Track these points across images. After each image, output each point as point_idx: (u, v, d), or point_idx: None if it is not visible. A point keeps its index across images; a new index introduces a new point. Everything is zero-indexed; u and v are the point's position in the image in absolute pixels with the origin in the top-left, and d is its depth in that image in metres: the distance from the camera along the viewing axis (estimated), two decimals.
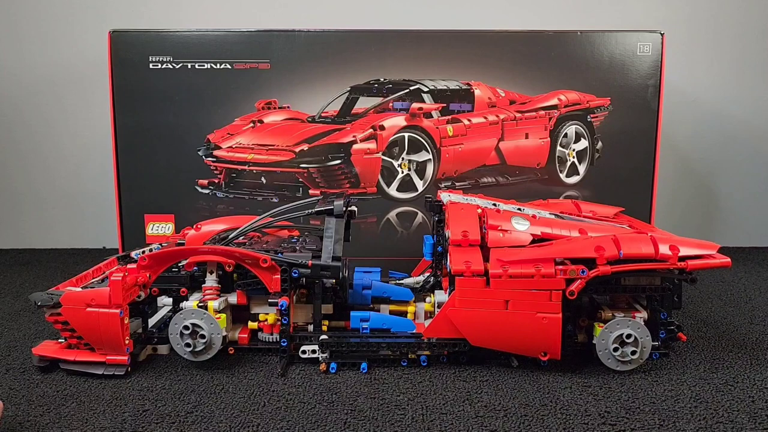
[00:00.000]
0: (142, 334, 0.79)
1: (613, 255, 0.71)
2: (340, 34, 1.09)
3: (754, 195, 1.46)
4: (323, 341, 0.75)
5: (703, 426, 0.62)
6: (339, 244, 0.77)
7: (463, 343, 0.74)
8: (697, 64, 1.40)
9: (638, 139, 1.12)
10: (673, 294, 0.74)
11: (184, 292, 0.77)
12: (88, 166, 1.41)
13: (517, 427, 0.62)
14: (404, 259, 1.07)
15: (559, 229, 0.78)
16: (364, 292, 0.85)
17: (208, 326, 0.73)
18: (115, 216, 1.12)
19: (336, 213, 0.81)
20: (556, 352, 0.72)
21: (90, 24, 1.35)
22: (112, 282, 0.70)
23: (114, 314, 0.70)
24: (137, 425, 0.62)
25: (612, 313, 0.74)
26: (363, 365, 0.74)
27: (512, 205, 0.89)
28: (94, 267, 0.84)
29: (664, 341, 0.75)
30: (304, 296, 0.82)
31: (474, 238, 0.77)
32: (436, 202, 0.89)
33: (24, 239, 1.44)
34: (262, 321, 0.78)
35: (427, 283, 0.90)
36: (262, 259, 0.74)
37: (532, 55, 1.10)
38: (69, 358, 0.73)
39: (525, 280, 0.71)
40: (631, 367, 0.74)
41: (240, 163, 1.10)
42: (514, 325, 0.72)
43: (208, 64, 1.09)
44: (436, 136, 1.10)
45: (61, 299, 0.71)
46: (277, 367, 0.75)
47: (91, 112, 1.38)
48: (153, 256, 0.75)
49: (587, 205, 0.94)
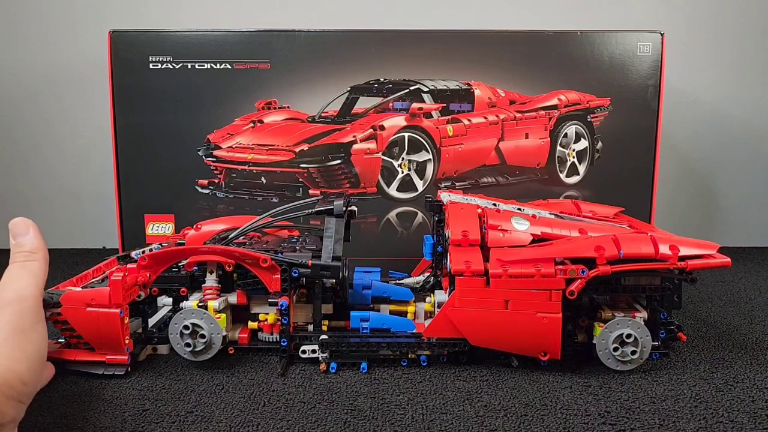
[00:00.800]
0: (142, 334, 0.79)
1: (613, 255, 0.71)
2: (340, 34, 1.09)
3: (754, 195, 1.46)
4: (323, 341, 0.75)
5: (703, 426, 0.62)
6: (339, 244, 0.77)
7: (463, 343, 0.74)
8: (697, 64, 1.40)
9: (638, 139, 1.12)
10: (672, 294, 0.74)
11: (184, 291, 0.77)
12: (88, 166, 1.41)
13: (517, 426, 0.62)
14: (404, 259, 1.07)
15: (559, 229, 0.79)
16: (364, 292, 0.85)
17: (208, 326, 0.74)
18: (115, 216, 1.12)
19: (336, 213, 0.81)
20: (556, 352, 0.72)
21: (90, 24, 1.35)
22: (112, 281, 0.70)
23: (114, 314, 0.70)
24: (137, 425, 0.62)
25: (612, 313, 0.75)
26: (363, 365, 0.75)
27: (512, 205, 0.89)
28: (94, 267, 0.84)
29: (664, 341, 0.75)
30: (303, 296, 0.82)
31: (474, 238, 0.77)
32: (436, 202, 0.89)
33: None
34: (262, 321, 0.78)
35: (427, 283, 0.90)
36: (262, 258, 0.74)
37: (532, 55, 1.10)
38: (69, 358, 0.73)
39: (525, 280, 0.71)
40: (631, 366, 0.74)
41: (240, 163, 1.10)
42: (514, 325, 0.72)
43: (208, 64, 1.09)
44: (436, 136, 1.10)
45: (61, 299, 0.71)
46: (278, 367, 0.75)
47: (91, 112, 1.38)
48: (153, 256, 0.75)
49: (587, 205, 0.94)
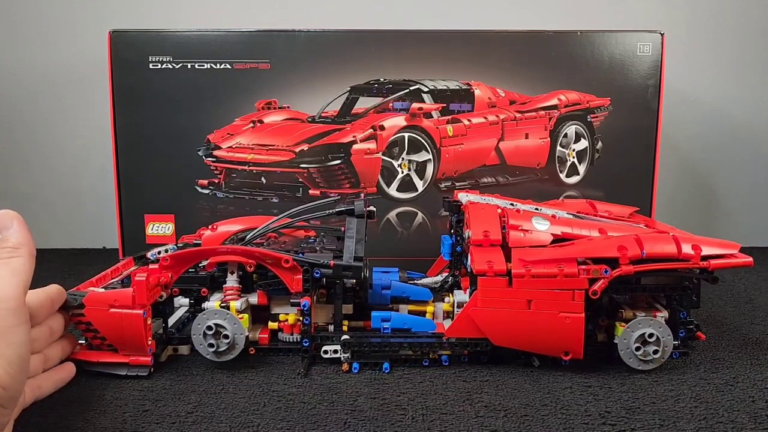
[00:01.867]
0: (163, 335, 0.78)
1: (636, 255, 0.71)
2: (340, 34, 1.09)
3: (754, 195, 1.46)
4: (345, 341, 0.75)
5: (704, 426, 0.62)
6: (361, 245, 0.77)
7: (485, 343, 0.74)
8: (697, 64, 1.40)
9: (638, 139, 1.12)
10: (692, 293, 0.75)
11: (204, 292, 0.77)
12: (88, 166, 1.41)
13: (517, 427, 0.62)
14: (404, 259, 1.07)
15: (579, 229, 0.78)
16: (383, 292, 0.85)
17: (231, 326, 0.73)
18: (115, 216, 1.12)
19: (357, 213, 0.81)
20: (578, 352, 0.72)
21: (90, 24, 1.35)
22: (136, 282, 0.69)
23: (137, 315, 0.69)
24: (138, 425, 0.62)
25: (633, 313, 0.75)
26: (385, 365, 0.74)
27: (530, 205, 0.89)
28: (112, 267, 0.84)
29: (683, 340, 0.76)
30: (323, 296, 0.81)
31: (495, 238, 0.76)
32: (455, 202, 0.89)
33: None
34: (282, 321, 0.78)
35: (446, 283, 0.89)
36: (284, 259, 0.74)
37: (532, 55, 1.10)
38: (92, 359, 0.72)
39: (548, 280, 0.71)
40: (652, 366, 0.74)
41: (240, 163, 1.10)
42: (536, 325, 0.72)
43: (208, 64, 1.09)
44: (436, 136, 1.10)
45: (85, 300, 0.70)
46: (300, 367, 0.74)
47: (91, 112, 1.38)
48: (175, 257, 0.75)
49: (603, 205, 0.94)
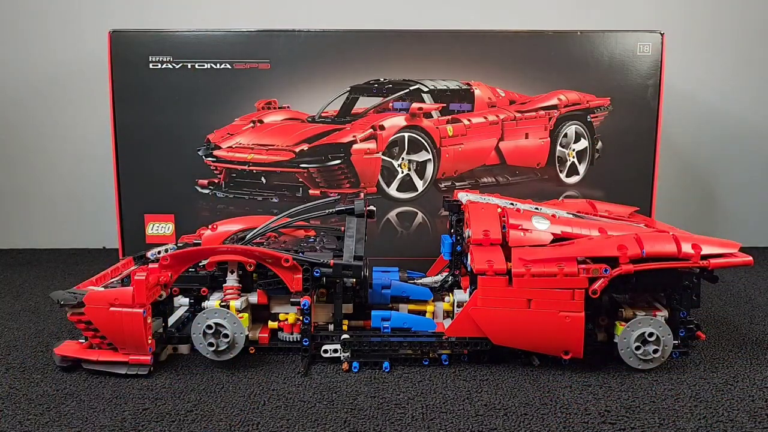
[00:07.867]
0: (163, 334, 0.78)
1: (636, 254, 0.71)
2: (340, 34, 1.09)
3: (754, 195, 1.46)
4: (345, 340, 0.75)
5: (703, 425, 0.62)
6: (361, 244, 0.77)
7: (485, 342, 0.74)
8: (697, 64, 1.40)
9: (638, 139, 1.11)
10: (692, 292, 0.75)
11: (204, 291, 0.77)
12: (88, 166, 1.41)
13: (517, 426, 0.62)
14: (404, 258, 1.07)
15: (579, 229, 0.78)
16: (383, 292, 0.85)
17: (231, 325, 0.73)
18: (115, 216, 1.12)
19: (357, 212, 0.81)
20: (578, 351, 0.72)
21: (90, 24, 1.35)
22: (136, 281, 0.69)
23: (137, 314, 0.69)
24: (137, 424, 0.62)
25: (633, 312, 0.75)
26: (385, 364, 0.74)
27: (529, 204, 0.89)
28: (112, 267, 0.84)
29: (683, 339, 0.76)
30: (323, 296, 0.81)
31: (495, 237, 0.76)
32: (455, 201, 0.89)
33: (24, 239, 1.44)
34: (282, 320, 0.78)
35: (446, 283, 0.89)
36: (284, 258, 0.74)
37: (532, 55, 1.10)
38: (91, 358, 0.72)
39: (548, 279, 0.71)
40: (652, 365, 0.74)
41: (240, 163, 1.10)
42: (536, 324, 0.72)
43: (208, 64, 1.09)
44: (436, 136, 1.10)
45: (85, 299, 0.70)
46: (300, 366, 0.74)
47: (91, 111, 1.38)
48: (175, 256, 0.75)
49: (602, 205, 0.94)
